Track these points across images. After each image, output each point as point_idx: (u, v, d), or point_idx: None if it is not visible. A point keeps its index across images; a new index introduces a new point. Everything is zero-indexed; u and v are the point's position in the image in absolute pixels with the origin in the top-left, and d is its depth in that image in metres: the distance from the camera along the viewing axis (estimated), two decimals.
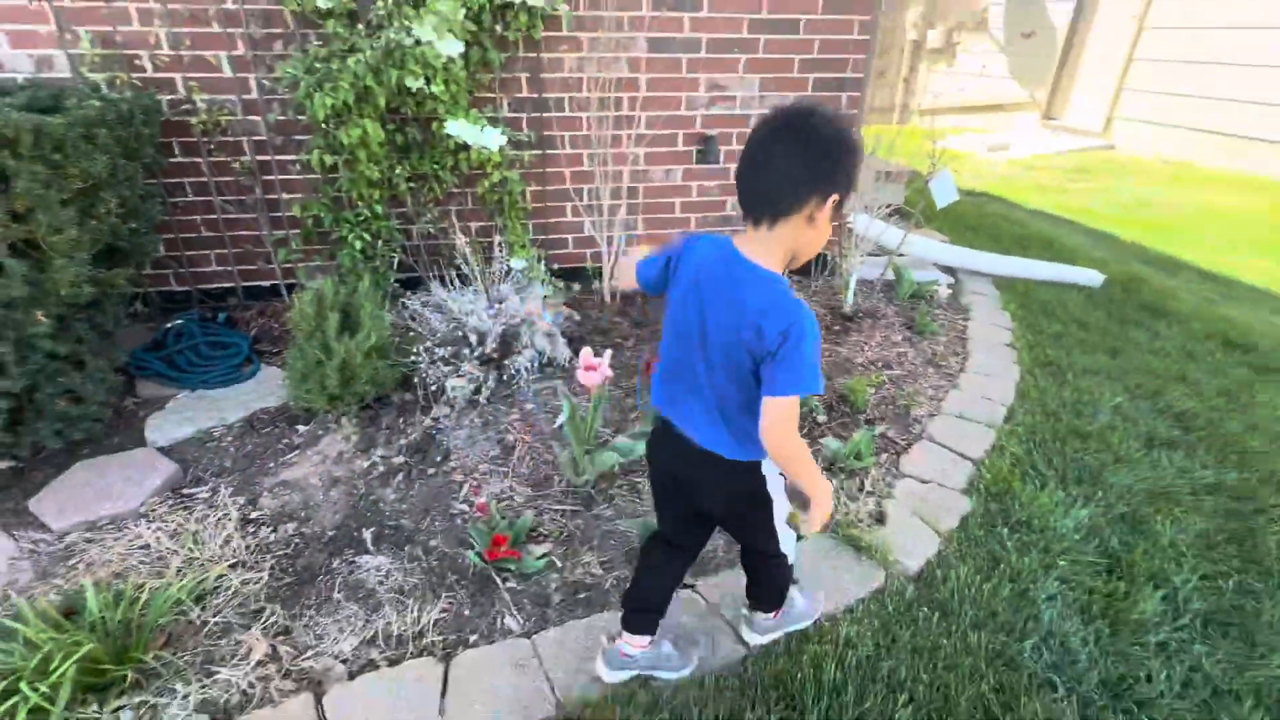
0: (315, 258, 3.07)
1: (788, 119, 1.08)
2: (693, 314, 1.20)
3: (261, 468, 2.24)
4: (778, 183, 1.09)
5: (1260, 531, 2.05)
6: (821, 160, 1.07)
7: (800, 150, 1.07)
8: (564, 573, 1.86)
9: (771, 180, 1.10)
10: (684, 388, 1.27)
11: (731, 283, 1.15)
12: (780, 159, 1.08)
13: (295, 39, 2.72)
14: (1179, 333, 3.32)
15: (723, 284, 1.16)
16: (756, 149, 1.11)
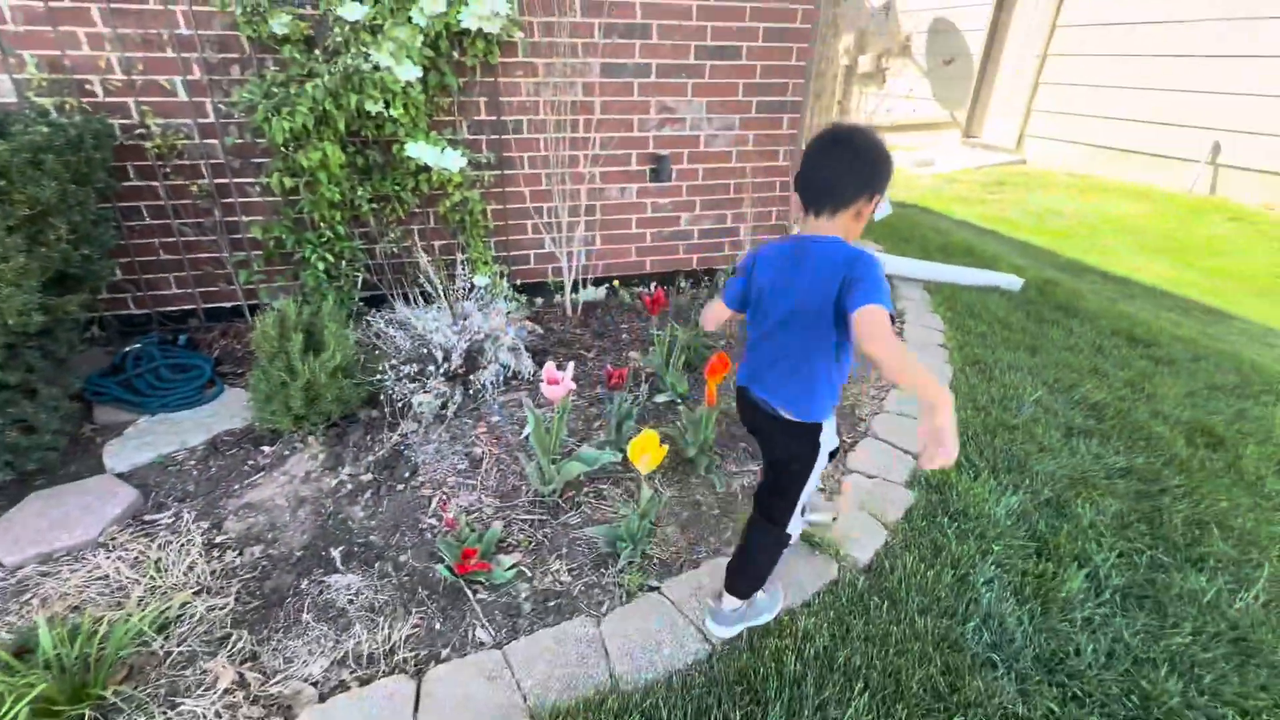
0: (278, 278, 2.94)
1: (839, 136, 1.33)
2: (774, 296, 1.39)
3: (226, 490, 2.11)
4: (836, 184, 1.32)
5: (1166, 510, 2.14)
6: (868, 167, 1.31)
7: (851, 159, 1.31)
8: (534, 582, 1.80)
9: (830, 182, 1.32)
10: (767, 366, 1.45)
11: (804, 254, 1.35)
12: (837, 166, 1.32)
13: (252, 64, 2.60)
14: (1089, 330, 3.47)
15: (797, 259, 1.36)
16: (819, 157, 1.34)
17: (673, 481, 2.20)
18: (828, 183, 1.33)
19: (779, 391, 1.43)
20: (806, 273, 1.33)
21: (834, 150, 1.33)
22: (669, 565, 1.86)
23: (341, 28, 2.45)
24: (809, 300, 1.31)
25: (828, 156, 1.33)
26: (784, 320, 1.38)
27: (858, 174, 1.31)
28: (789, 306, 1.36)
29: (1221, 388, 2.96)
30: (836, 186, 1.32)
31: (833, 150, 1.33)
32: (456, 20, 2.55)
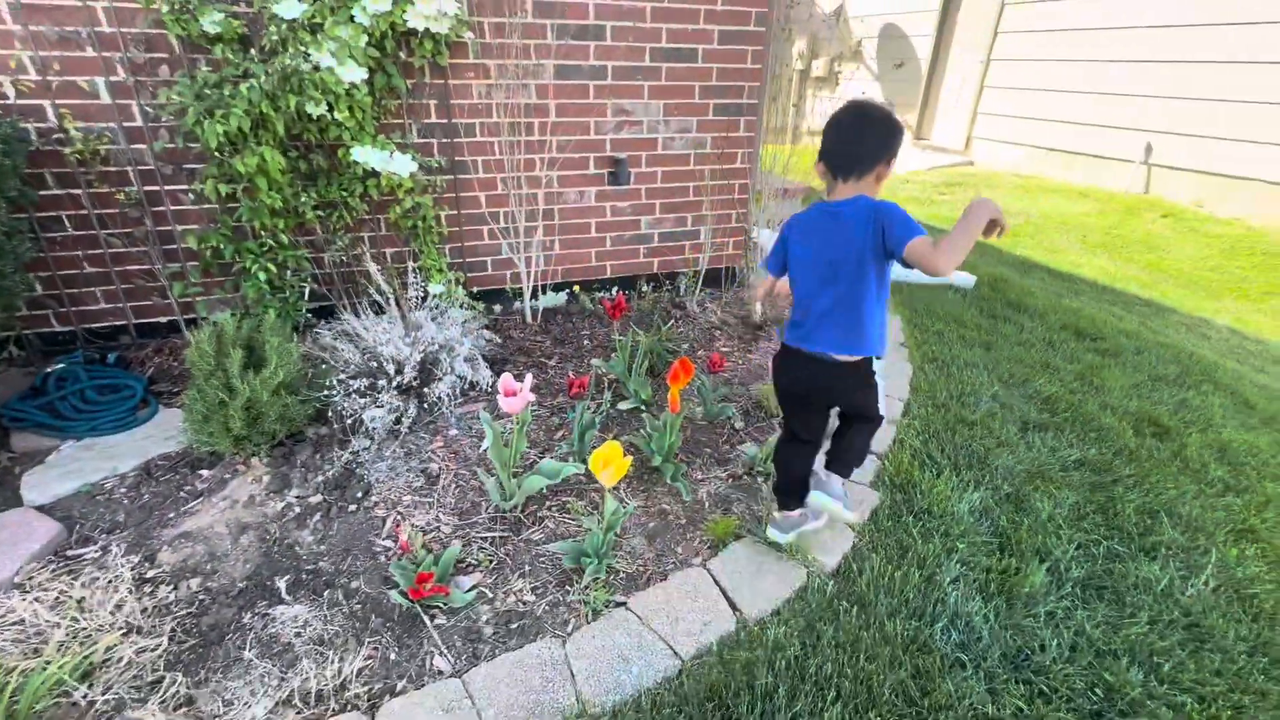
0: (217, 290, 2.77)
1: (860, 111, 1.56)
2: (815, 256, 1.58)
3: (161, 520, 1.97)
4: (861, 152, 1.52)
5: (1119, 500, 2.19)
6: (886, 136, 1.52)
7: (871, 130, 1.53)
8: (495, 603, 1.72)
9: (856, 150, 1.53)
10: (815, 313, 1.60)
11: (836, 216, 1.54)
12: (860, 136, 1.53)
13: (182, 64, 2.44)
14: (1039, 326, 3.56)
15: (829, 221, 1.55)
16: (844, 130, 1.55)
17: (638, 491, 2.15)
18: (854, 152, 1.53)
19: (835, 339, 1.60)
20: (843, 230, 1.52)
21: (857, 124, 1.55)
22: (635, 579, 1.81)
23: (278, 26, 2.33)
24: (849, 251, 1.51)
25: (852, 129, 1.54)
26: (828, 275, 1.56)
27: (878, 142, 1.52)
28: (832, 260, 1.54)
29: (1164, 378, 3.06)
30: (862, 154, 1.52)
31: (856, 124, 1.55)
32: (402, 19, 2.45)
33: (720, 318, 3.38)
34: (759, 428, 2.50)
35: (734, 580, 1.78)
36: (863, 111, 1.56)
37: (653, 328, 3.13)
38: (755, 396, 2.63)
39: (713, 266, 3.68)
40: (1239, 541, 2.04)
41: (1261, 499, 2.24)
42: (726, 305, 3.54)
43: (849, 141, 1.54)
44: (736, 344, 3.15)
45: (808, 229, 1.61)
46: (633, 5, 2.94)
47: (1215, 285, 4.75)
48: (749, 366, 2.95)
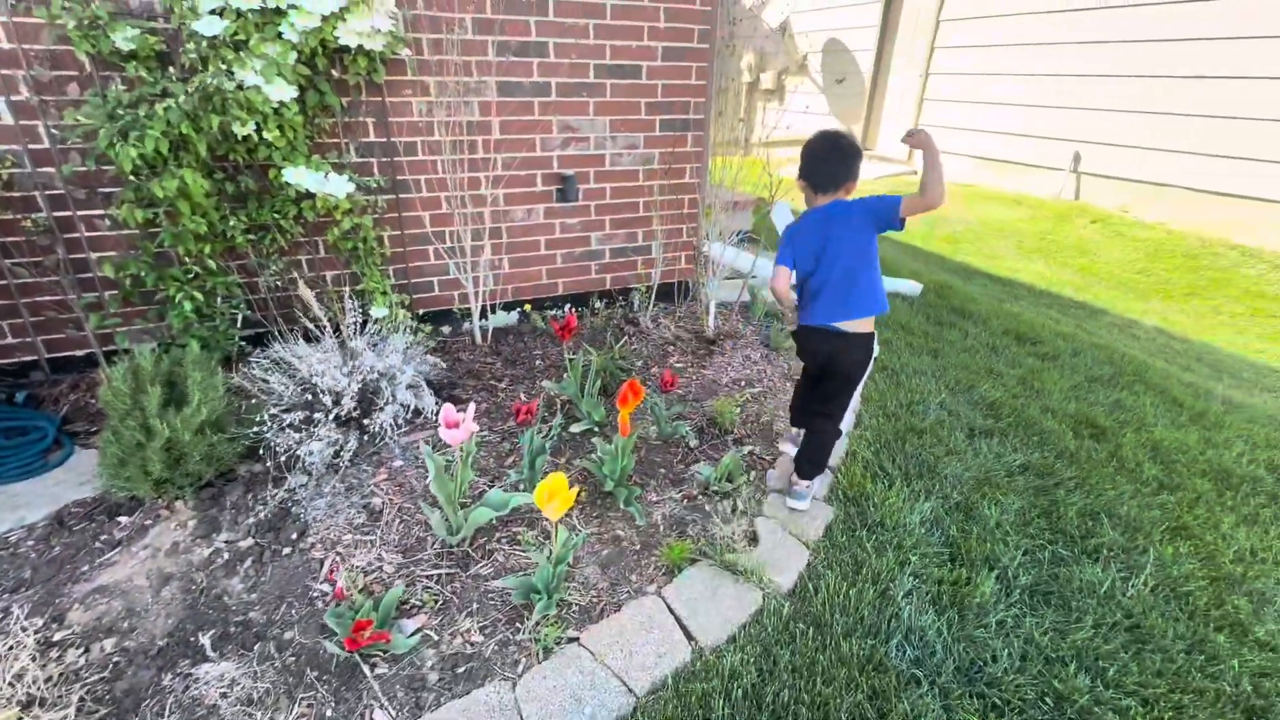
0: (139, 320, 2.61)
1: (832, 142, 1.94)
2: (822, 247, 1.91)
3: (72, 574, 1.81)
4: (835, 172, 1.92)
5: (1061, 503, 2.24)
6: (851, 162, 1.92)
7: (841, 157, 1.92)
8: (441, 646, 1.64)
9: (831, 171, 1.92)
10: (826, 295, 1.93)
11: (830, 214, 1.93)
12: (833, 163, 1.93)
13: (94, 82, 2.29)
14: (982, 331, 3.66)
15: (828, 219, 1.92)
16: (821, 157, 1.94)
17: (591, 517, 2.09)
18: (830, 172, 1.93)
19: (857, 306, 1.92)
20: (839, 221, 1.90)
21: (832, 152, 1.94)
22: (589, 611, 1.75)
23: (198, 43, 2.21)
24: (850, 232, 1.89)
25: (827, 157, 1.94)
26: (839, 255, 1.90)
27: (847, 166, 1.93)
28: (841, 242, 1.89)
29: (1099, 379, 3.18)
30: (837, 174, 1.93)
31: (830, 152, 1.94)
32: (333, 36, 2.36)
33: (674, 333, 3.36)
34: (714, 445, 2.48)
35: (689, 607, 1.74)
36: (834, 141, 1.94)
37: (606, 345, 3.08)
38: (709, 413, 2.61)
39: (665, 281, 3.66)
40: (1174, 539, 2.11)
41: (1192, 496, 2.33)
42: (680, 320, 3.52)
43: (826, 163, 1.94)
44: (690, 359, 3.13)
45: (813, 229, 1.95)
46: (575, 22, 2.92)
47: (1142, 287, 5.00)
48: (703, 382, 2.93)
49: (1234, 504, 2.31)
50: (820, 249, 1.91)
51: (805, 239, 1.93)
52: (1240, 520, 2.23)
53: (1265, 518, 2.25)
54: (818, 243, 1.91)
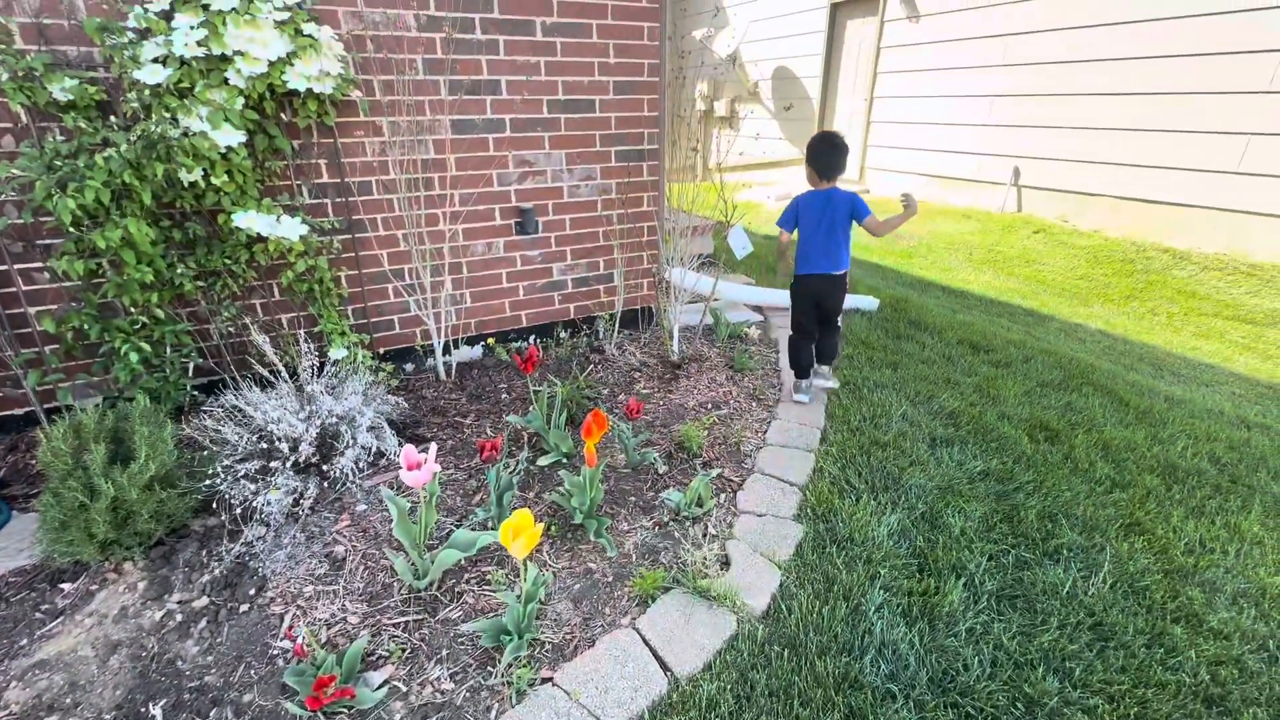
0: (82, 375, 2.51)
1: (832, 141, 2.74)
2: (823, 217, 2.73)
3: (10, 649, 1.70)
4: (835, 165, 2.72)
5: (1021, 507, 2.30)
6: (845, 155, 2.76)
7: (841, 152, 2.74)
8: (410, 697, 1.58)
9: (832, 162, 2.72)
10: (820, 249, 2.76)
11: (830, 197, 2.73)
12: (835, 156, 2.73)
13: (30, 133, 2.24)
14: (938, 342, 3.77)
15: (828, 200, 2.73)
16: (825, 152, 2.73)
17: (562, 551, 2.06)
18: (832, 163, 2.74)
19: (836, 258, 2.76)
20: (836, 204, 2.72)
21: (832, 150, 2.74)
22: (562, 648, 1.71)
23: (140, 92, 2.18)
24: (840, 213, 2.71)
25: (829, 152, 2.74)
26: (830, 226, 2.73)
27: (840, 160, 2.75)
28: (832, 218, 2.72)
29: (1050, 383, 3.30)
30: (834, 166, 2.74)
31: (831, 150, 2.74)
32: (281, 80, 2.36)
33: (640, 359, 3.38)
34: (683, 469, 2.48)
35: (664, 637, 1.72)
36: (833, 141, 2.76)
37: (571, 375, 3.08)
38: (677, 438, 2.62)
39: (628, 308, 3.69)
40: (1128, 536, 2.19)
41: (1143, 492, 2.42)
42: (645, 346, 3.55)
43: (828, 155, 2.74)
44: (657, 384, 3.15)
45: (814, 205, 2.75)
46: (526, 60, 2.97)
47: (1085, 292, 5.23)
48: (669, 406, 2.94)
49: (1182, 497, 2.41)
50: (818, 220, 2.74)
51: (808, 212, 2.77)
52: (1188, 513, 2.32)
53: (1211, 509, 2.35)
54: (817, 216, 2.74)
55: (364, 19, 2.60)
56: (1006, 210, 7.07)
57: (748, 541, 2.08)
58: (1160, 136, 5.59)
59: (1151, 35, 5.56)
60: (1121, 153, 5.91)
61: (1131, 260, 5.63)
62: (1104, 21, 5.87)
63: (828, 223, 2.72)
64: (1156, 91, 5.58)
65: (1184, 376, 3.73)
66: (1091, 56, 6.01)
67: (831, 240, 2.74)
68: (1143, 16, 5.59)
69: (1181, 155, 5.47)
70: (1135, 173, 5.85)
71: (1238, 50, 5.03)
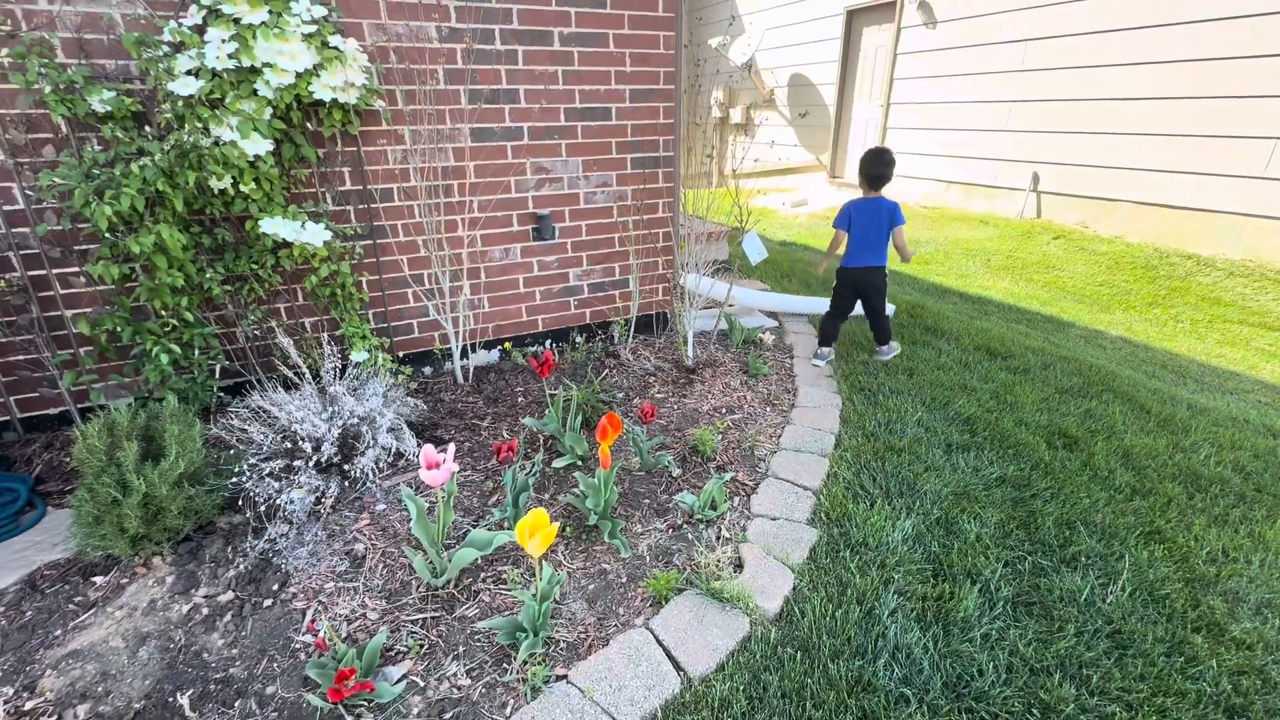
0: (114, 376, 2.59)
1: (880, 155, 3.31)
2: (870, 220, 3.30)
3: (45, 639, 1.77)
4: (882, 175, 3.30)
5: (1039, 513, 2.29)
6: (891, 167, 3.32)
7: (887, 164, 3.30)
8: (427, 691, 1.61)
9: (880, 174, 3.30)
10: (866, 247, 3.33)
11: (877, 205, 3.30)
12: (882, 167, 3.29)
13: (69, 143, 2.33)
14: (954, 348, 3.75)
15: (875, 207, 3.30)
16: (873, 163, 3.30)
17: (577, 552, 2.09)
18: (880, 174, 3.29)
19: (878, 254, 3.34)
20: (881, 211, 3.29)
21: (881, 164, 3.28)
22: (576, 647, 1.74)
23: (174, 103, 2.26)
24: (883, 219, 3.29)
25: (880, 165, 3.28)
26: (877, 228, 3.30)
27: (888, 172, 3.30)
28: (877, 221, 3.29)
29: (1069, 390, 3.26)
30: (883, 177, 3.29)
31: (878, 162, 3.28)
32: (308, 91, 2.43)
33: (654, 363, 3.41)
34: (696, 473, 2.50)
35: (677, 637, 1.73)
36: (883, 156, 3.29)
37: (586, 379, 3.12)
38: (691, 442, 2.64)
39: (643, 313, 3.72)
40: (1148, 544, 2.16)
41: (1164, 500, 2.39)
42: (659, 351, 3.57)
43: (877, 167, 3.29)
44: (671, 389, 3.17)
45: (864, 210, 3.31)
46: (544, 69, 3.03)
47: (1106, 299, 5.16)
48: (684, 411, 2.96)
49: (1204, 506, 2.37)
50: (868, 222, 3.31)
51: (860, 216, 3.32)
52: (1211, 521, 2.29)
53: (1235, 518, 2.31)
54: (867, 219, 3.30)
55: (387, 31, 2.67)
56: (1025, 216, 7.00)
57: (761, 544, 2.09)
58: (1184, 141, 5.52)
59: (1175, 39, 5.50)
60: (1144, 158, 5.84)
61: (1154, 266, 5.55)
62: (1125, 26, 5.82)
63: (875, 225, 3.29)
64: (1180, 96, 5.51)
65: (1207, 384, 3.67)
66: (1112, 61, 5.96)
67: (875, 240, 3.31)
68: (1165, 20, 5.53)
69: (1206, 160, 5.40)
70: (1158, 178, 5.78)
71: (1264, 54, 4.96)
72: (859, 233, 3.31)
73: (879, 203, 3.28)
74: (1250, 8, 4.99)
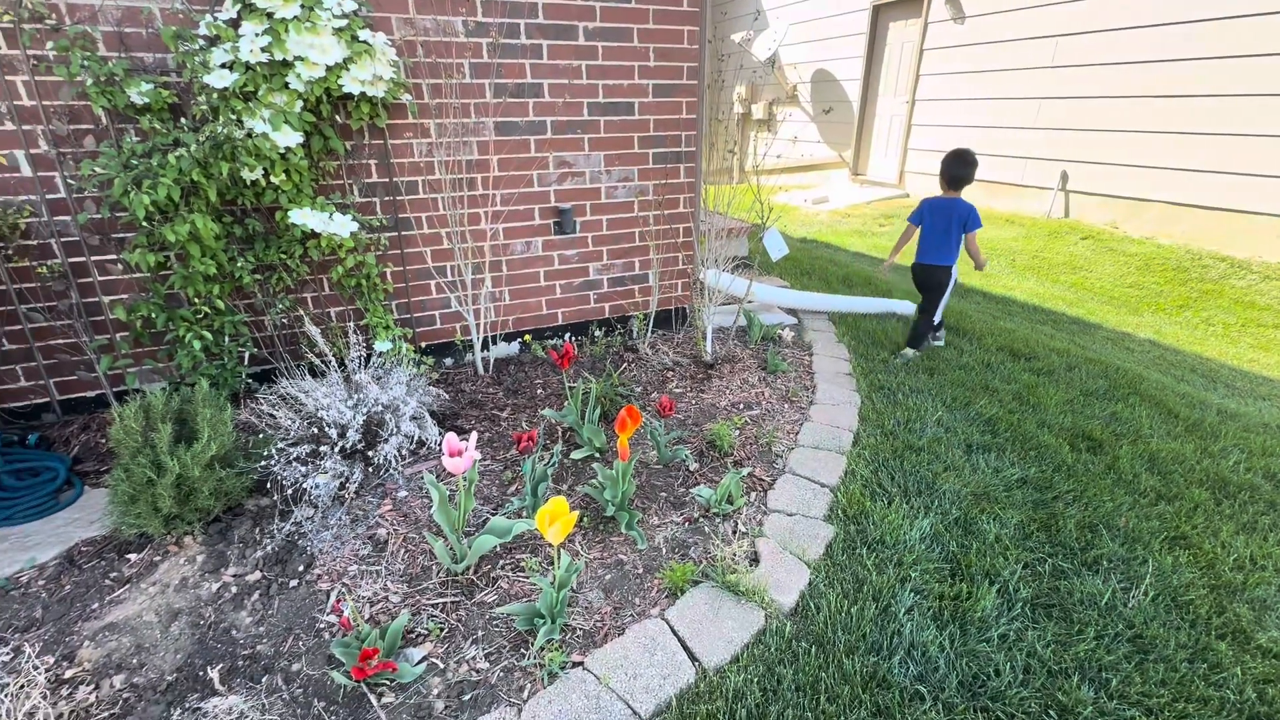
0: (148, 361, 2.67)
1: (961, 155, 3.38)
2: (944, 220, 3.37)
3: (83, 612, 1.84)
4: (962, 177, 3.38)
5: (1060, 516, 2.26)
6: (973, 169, 3.40)
7: (966, 165, 3.38)
8: (446, 674, 1.65)
9: (960, 175, 3.38)
10: (933, 245, 3.41)
11: (952, 205, 3.37)
12: (962, 168, 3.38)
13: (109, 134, 2.40)
14: (977, 348, 3.71)
15: (949, 207, 3.37)
16: (958, 167, 3.38)
17: (594, 542, 2.11)
18: (959, 176, 3.37)
19: (946, 254, 3.39)
20: (955, 212, 3.34)
21: (961, 163, 3.36)
22: (593, 635, 1.76)
23: (209, 95, 2.32)
24: (954, 220, 3.34)
25: (962, 166, 3.36)
26: (945, 228, 3.36)
27: (969, 173, 3.38)
28: (949, 221, 3.35)
29: (1094, 393, 3.21)
30: (963, 178, 3.38)
31: (960, 162, 3.36)
32: (337, 85, 2.47)
33: (673, 358, 3.42)
34: (714, 468, 2.51)
35: (692, 629, 1.75)
36: (964, 158, 3.37)
37: (605, 373, 3.14)
38: (709, 436, 2.65)
39: (663, 308, 3.73)
40: (1173, 549, 2.13)
41: (1190, 505, 2.35)
42: (678, 346, 3.58)
43: (959, 170, 3.37)
44: (689, 384, 3.18)
45: (936, 208, 3.40)
46: (568, 64, 3.05)
47: (1134, 301, 5.06)
48: (701, 406, 2.97)
49: (1232, 512, 2.33)
50: (939, 221, 3.38)
51: (932, 215, 3.42)
52: (1239, 528, 2.24)
53: (1264, 525, 2.26)
54: (938, 218, 3.39)
55: (415, 25, 2.71)
56: (1053, 216, 6.87)
57: (777, 540, 2.10)
58: (1221, 140, 5.38)
59: (1210, 36, 5.35)
60: (1177, 157, 5.70)
61: (1186, 268, 5.42)
62: (1160, 22, 5.68)
63: (945, 224, 3.36)
64: (1216, 94, 5.37)
65: (1239, 389, 3.58)
66: (1146, 58, 5.81)
67: (945, 239, 3.37)
68: (1200, 16, 5.38)
69: (1244, 160, 5.25)
70: (1192, 178, 5.63)
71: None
72: (928, 230, 3.42)
73: (955, 204, 3.33)
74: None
